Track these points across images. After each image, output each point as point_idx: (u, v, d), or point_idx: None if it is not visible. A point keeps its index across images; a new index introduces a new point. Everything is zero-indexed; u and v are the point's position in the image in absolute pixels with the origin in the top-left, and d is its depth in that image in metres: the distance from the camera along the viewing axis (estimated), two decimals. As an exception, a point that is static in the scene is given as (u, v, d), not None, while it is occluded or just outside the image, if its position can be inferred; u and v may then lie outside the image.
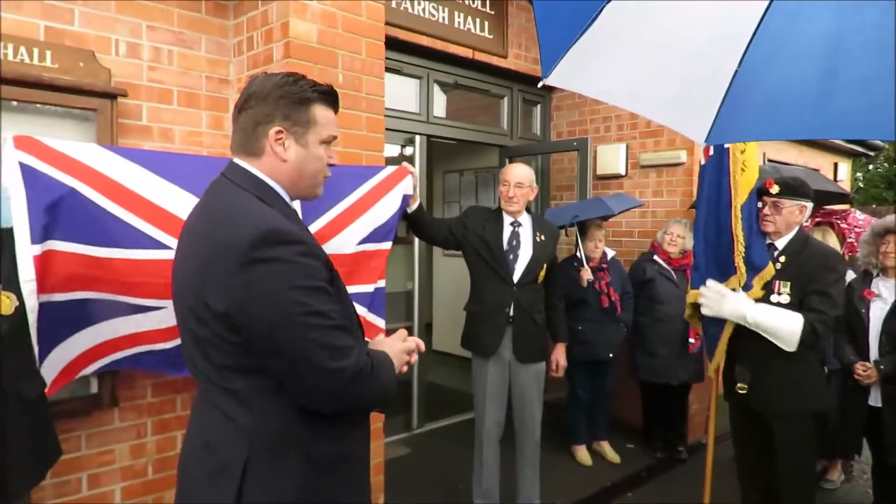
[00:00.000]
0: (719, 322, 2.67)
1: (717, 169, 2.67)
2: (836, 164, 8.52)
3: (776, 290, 2.56)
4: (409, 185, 2.64)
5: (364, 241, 2.48)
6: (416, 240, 4.37)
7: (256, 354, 1.18)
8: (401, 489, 3.49)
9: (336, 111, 1.39)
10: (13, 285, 1.79)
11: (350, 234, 2.42)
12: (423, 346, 1.48)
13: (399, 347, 1.41)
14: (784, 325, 2.46)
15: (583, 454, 4.17)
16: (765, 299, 2.57)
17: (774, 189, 2.59)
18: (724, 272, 2.64)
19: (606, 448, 4.24)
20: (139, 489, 2.54)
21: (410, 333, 1.49)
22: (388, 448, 4.01)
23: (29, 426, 1.81)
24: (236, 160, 1.33)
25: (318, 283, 1.18)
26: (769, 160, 6.36)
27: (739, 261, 2.58)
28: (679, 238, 4.08)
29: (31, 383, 1.85)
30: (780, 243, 2.63)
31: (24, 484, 1.82)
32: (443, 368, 6.18)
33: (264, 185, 1.29)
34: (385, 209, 2.53)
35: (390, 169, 2.59)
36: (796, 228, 2.63)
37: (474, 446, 3.18)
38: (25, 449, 1.79)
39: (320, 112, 1.32)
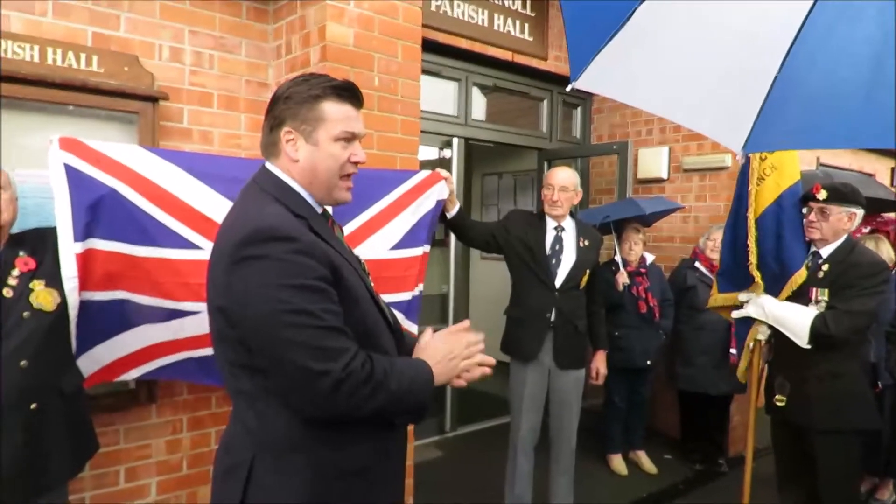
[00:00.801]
0: (748, 323, 2.67)
1: (742, 177, 2.68)
2: (893, 169, 8.14)
3: (814, 297, 2.46)
4: (444, 189, 2.63)
5: (396, 246, 2.47)
6: (453, 242, 4.36)
7: (251, 353, 1.18)
8: (431, 493, 3.48)
9: (357, 106, 1.34)
10: (56, 282, 1.85)
11: (381, 238, 2.42)
12: (492, 362, 1.43)
13: (449, 354, 1.34)
14: (796, 318, 2.42)
15: (618, 463, 4.08)
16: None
17: (822, 195, 2.49)
18: (739, 280, 2.69)
19: (643, 458, 4.14)
20: (174, 484, 2.60)
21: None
22: (420, 451, 4.01)
23: (67, 419, 1.87)
24: (266, 163, 1.35)
25: (310, 281, 1.14)
26: (822, 164, 6.12)
27: (753, 270, 2.61)
28: (721, 246, 3.95)
29: (70, 378, 1.93)
30: (826, 251, 2.52)
31: (62, 475, 1.88)
32: (478, 372, 6.12)
33: (286, 187, 1.30)
34: (416, 214, 2.52)
35: (423, 174, 2.58)
36: (844, 237, 2.51)
37: (508, 452, 3.14)
38: (64, 441, 1.85)
39: (331, 108, 1.29)
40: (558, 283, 2.96)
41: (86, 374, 2.07)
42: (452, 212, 2.78)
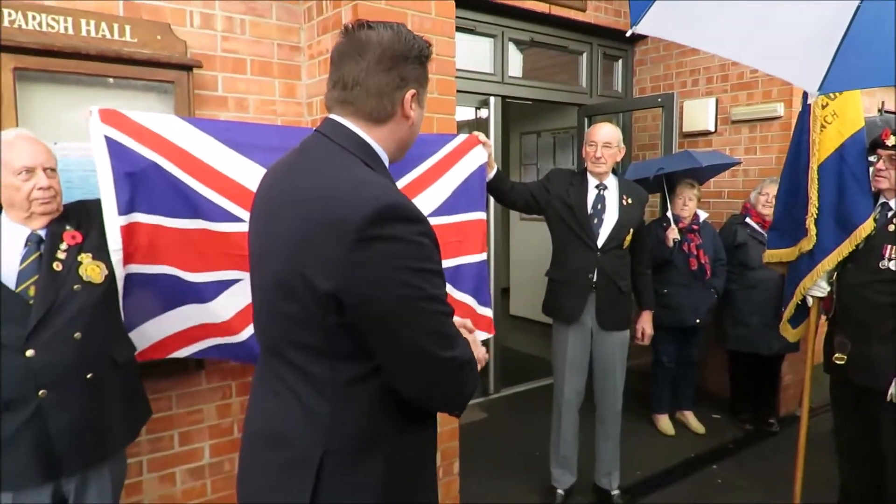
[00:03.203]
0: (796, 281, 2.57)
1: (800, 126, 2.51)
2: (960, 114, 7.64)
3: (886, 254, 2.32)
4: (483, 154, 2.56)
5: (434, 213, 2.43)
6: (492, 204, 4.29)
7: (355, 338, 1.08)
8: (476, 454, 3.51)
9: None
10: (102, 254, 1.87)
11: (419, 204, 2.38)
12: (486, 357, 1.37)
13: (473, 340, 1.27)
14: None
15: (665, 424, 4.03)
16: (871, 265, 2.34)
17: (892, 140, 2.32)
18: (796, 234, 2.54)
19: (690, 418, 4.08)
20: (226, 447, 2.67)
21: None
22: (464, 413, 4.03)
23: (122, 387, 1.93)
24: (339, 119, 1.19)
25: (435, 265, 1.08)
26: (886, 111, 5.76)
27: (811, 222, 2.45)
28: (775, 199, 3.78)
29: (122, 348, 1.97)
30: (897, 202, 2.37)
31: (120, 441, 1.94)
32: (519, 334, 6.13)
33: (370, 149, 1.18)
34: (454, 180, 2.46)
35: (461, 137, 2.52)
36: (916, 186, 2.36)
37: (552, 414, 3.13)
38: (120, 408, 1.91)
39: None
40: (600, 242, 2.89)
41: (138, 349, 2.11)
42: (490, 175, 2.72)
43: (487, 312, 2.67)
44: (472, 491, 3.19)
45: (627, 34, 1.64)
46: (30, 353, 1.65)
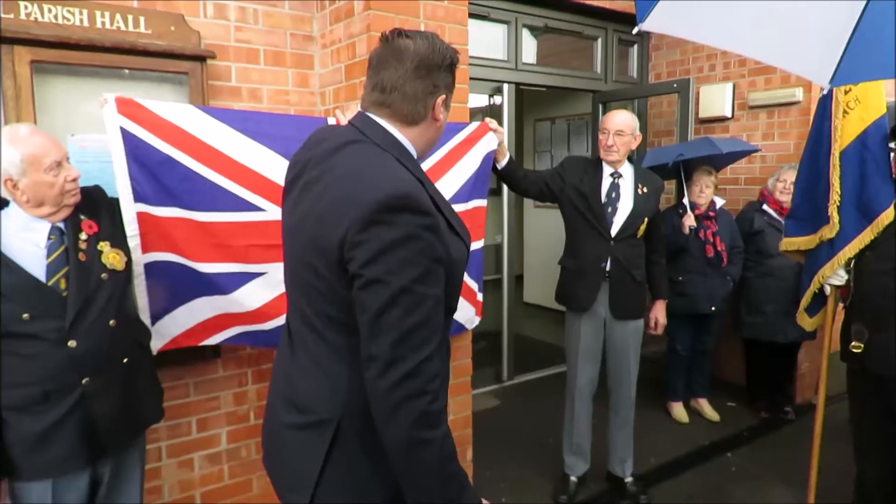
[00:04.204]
0: (814, 269, 2.55)
1: (821, 111, 2.47)
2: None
3: None
4: (493, 141, 2.55)
5: (450, 201, 2.43)
6: (506, 191, 4.28)
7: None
8: (489, 441, 3.53)
9: None
10: (118, 242, 1.90)
11: None
12: None
13: None
14: None
15: (679, 411, 4.02)
16: (891, 253, 2.30)
17: None
18: (816, 221, 2.51)
19: (705, 406, 4.07)
20: (242, 433, 2.71)
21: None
22: (477, 400, 4.06)
23: (150, 368, 2.03)
24: (376, 118, 1.28)
25: (428, 262, 1.11)
26: (903, 95, 5.66)
27: (833, 210, 2.42)
28: (793, 185, 3.73)
29: (144, 330, 2.06)
30: (918, 190, 2.33)
31: (153, 418, 2.04)
32: (533, 321, 6.13)
33: (402, 147, 1.28)
34: (468, 167, 2.46)
35: (473, 125, 2.51)
36: (938, 173, 2.32)
37: (565, 402, 3.14)
38: (151, 388, 2.02)
39: None
40: (614, 231, 2.87)
41: (168, 337, 2.17)
42: (503, 162, 2.70)
43: (480, 297, 2.82)
44: (485, 478, 3.22)
45: (634, 32, 1.63)
46: (72, 343, 1.70)
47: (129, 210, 1.97)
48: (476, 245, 2.66)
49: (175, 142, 2.00)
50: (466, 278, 2.57)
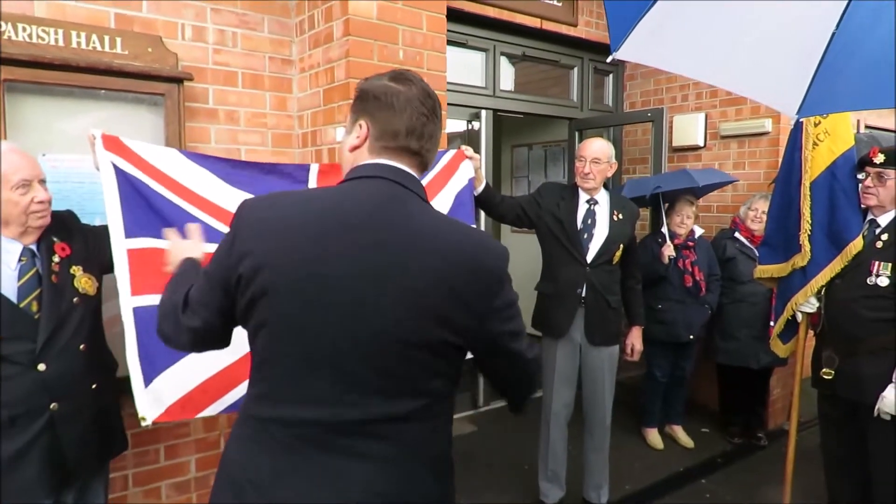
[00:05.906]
0: (787, 296, 2.60)
1: (793, 142, 2.55)
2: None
3: (874, 270, 2.34)
4: (470, 168, 2.57)
5: None
6: (483, 217, 4.30)
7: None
8: (465, 467, 3.49)
9: None
10: (90, 267, 1.86)
11: None
12: None
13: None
14: None
15: (654, 437, 4.03)
16: (859, 280, 2.36)
17: (879, 158, 2.35)
18: (788, 249, 2.58)
19: (679, 432, 4.08)
20: (213, 460, 2.64)
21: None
22: (454, 425, 4.02)
23: (116, 394, 1.98)
24: (401, 167, 1.18)
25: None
26: (867, 126, 5.84)
27: (804, 239, 2.49)
28: (764, 214, 3.80)
29: (109, 356, 2.00)
30: (884, 220, 2.39)
31: (122, 445, 2.01)
32: (511, 345, 6.11)
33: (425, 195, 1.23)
34: (450, 195, 2.47)
35: (451, 153, 2.53)
36: (903, 204, 2.39)
37: (541, 427, 3.13)
38: (118, 414, 1.99)
39: None
40: (589, 257, 2.89)
41: (161, 406, 1.91)
42: (479, 189, 2.73)
43: None
44: (460, 505, 3.18)
45: (608, 60, 1.67)
46: (41, 366, 1.67)
47: (120, 248, 1.87)
48: None
49: (157, 178, 1.98)
50: None
